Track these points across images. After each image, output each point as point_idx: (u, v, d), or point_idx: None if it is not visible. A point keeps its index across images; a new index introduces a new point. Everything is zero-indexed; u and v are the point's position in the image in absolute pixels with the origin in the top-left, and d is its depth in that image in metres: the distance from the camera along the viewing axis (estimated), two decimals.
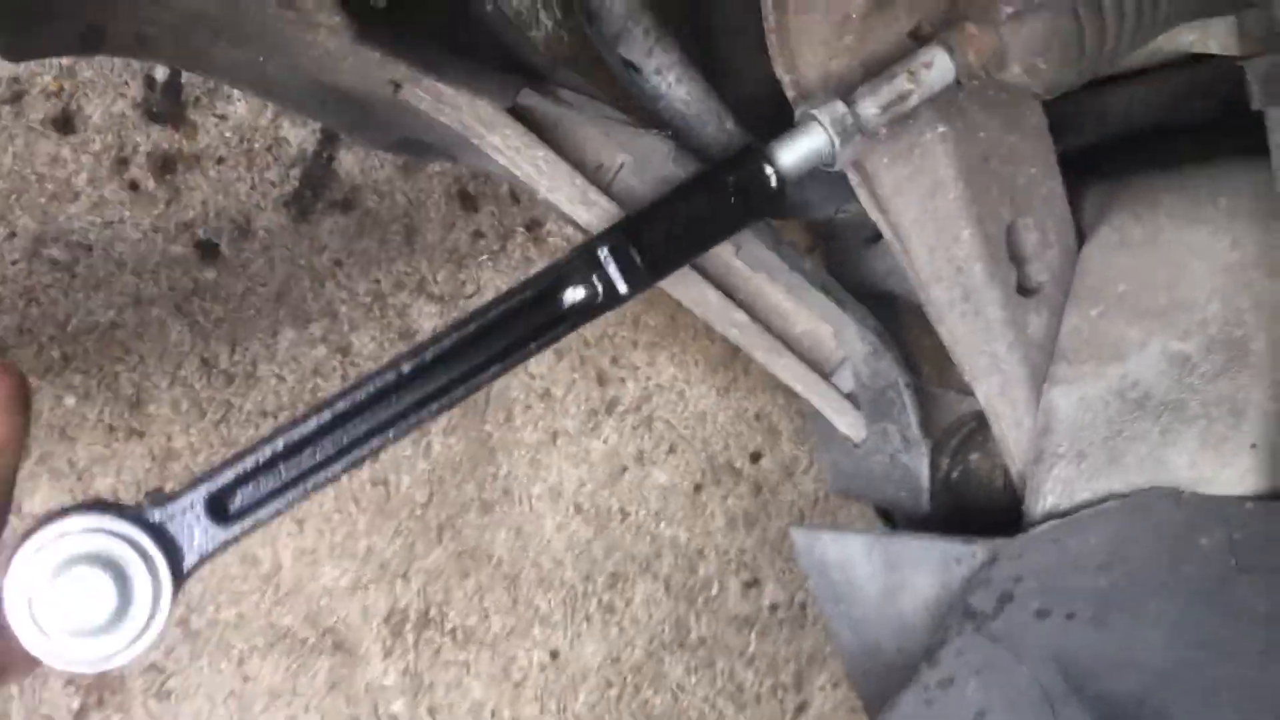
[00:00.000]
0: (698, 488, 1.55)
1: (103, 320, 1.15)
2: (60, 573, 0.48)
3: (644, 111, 0.75)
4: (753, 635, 1.61)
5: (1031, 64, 0.72)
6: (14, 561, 0.48)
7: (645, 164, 0.72)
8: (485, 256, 1.38)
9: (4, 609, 0.47)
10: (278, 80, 0.68)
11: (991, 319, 0.78)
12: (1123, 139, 0.97)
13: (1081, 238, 0.82)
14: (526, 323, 0.60)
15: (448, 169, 1.35)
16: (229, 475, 0.53)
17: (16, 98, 1.12)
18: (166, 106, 1.17)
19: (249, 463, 0.54)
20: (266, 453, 0.54)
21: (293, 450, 0.54)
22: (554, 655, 1.45)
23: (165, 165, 1.18)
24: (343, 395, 0.55)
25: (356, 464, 0.55)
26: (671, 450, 1.53)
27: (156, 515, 0.51)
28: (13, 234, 1.11)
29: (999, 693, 0.65)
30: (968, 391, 0.81)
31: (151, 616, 0.49)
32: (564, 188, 0.72)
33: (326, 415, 0.55)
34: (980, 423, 0.84)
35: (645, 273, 0.63)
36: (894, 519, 0.93)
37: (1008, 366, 0.78)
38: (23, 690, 1.13)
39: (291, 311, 1.26)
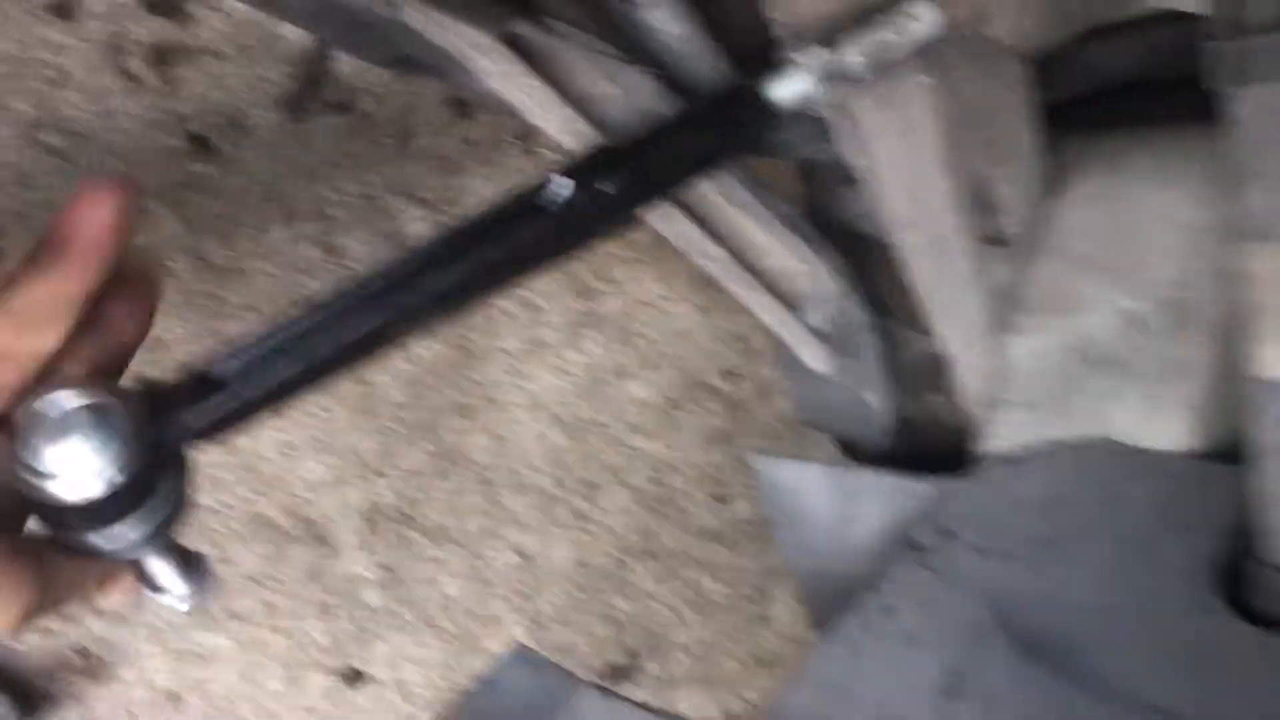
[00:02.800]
0: (674, 403, 1.59)
1: None
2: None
3: (634, 45, 0.77)
4: (720, 548, 1.66)
5: (1017, 21, 0.73)
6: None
7: (632, 98, 0.74)
8: (476, 164, 1.40)
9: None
10: None
11: (959, 267, 0.80)
12: (1103, 92, 0.98)
13: (1051, 192, 0.84)
14: (510, 236, 0.62)
15: None
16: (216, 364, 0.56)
17: None
18: None
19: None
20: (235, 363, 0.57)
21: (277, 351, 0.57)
22: (525, 557, 1.50)
23: (162, 57, 1.19)
24: (320, 305, 0.58)
25: (328, 376, 0.58)
26: (650, 365, 1.57)
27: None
28: (8, 118, 1.12)
29: (933, 621, 0.69)
30: (932, 332, 0.84)
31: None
32: (552, 116, 0.73)
33: (292, 329, 0.57)
34: (942, 364, 0.87)
35: (633, 195, 0.65)
36: (855, 451, 0.97)
37: (971, 313, 0.81)
38: None
39: (282, 209, 1.28)
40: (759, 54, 0.77)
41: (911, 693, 0.67)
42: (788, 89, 0.70)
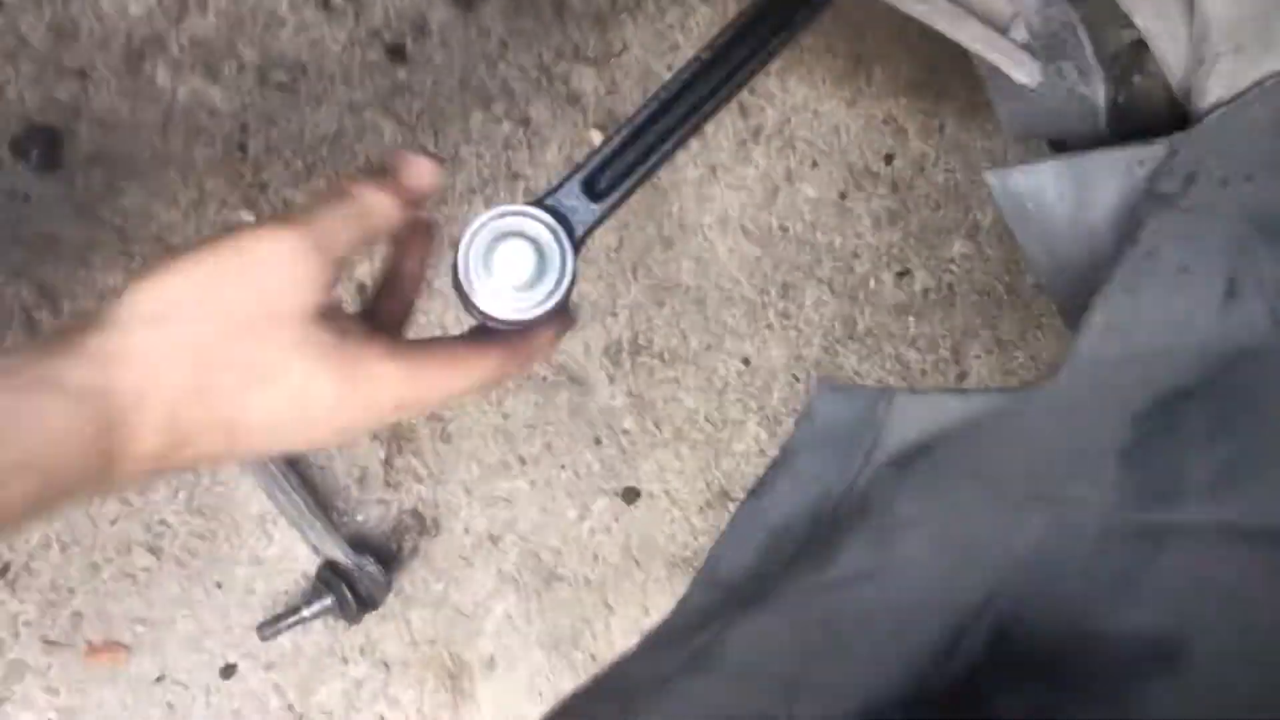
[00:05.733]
0: (843, 195, 1.71)
1: (329, 130, 1.31)
2: (495, 244, 0.65)
3: None
4: (911, 319, 1.79)
5: None
6: (461, 241, 0.65)
7: None
8: (624, 14, 1.51)
9: (460, 273, 0.64)
10: None
11: None
12: None
13: None
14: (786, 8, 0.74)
15: None
16: (594, 162, 0.69)
17: None
18: None
19: (606, 151, 0.70)
20: (616, 142, 0.70)
21: (636, 135, 0.70)
22: (746, 362, 1.64)
23: None
24: (663, 87, 0.71)
25: (686, 138, 0.71)
26: (815, 165, 1.68)
27: (551, 201, 0.68)
28: (242, 66, 1.26)
29: (1199, 248, 0.79)
30: (1125, 25, 0.93)
31: (562, 275, 0.66)
32: None
33: (654, 105, 0.71)
34: (1138, 48, 0.96)
35: None
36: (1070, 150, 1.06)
37: None
38: (340, 450, 1.36)
39: (475, 95, 1.41)
40: None
41: (1194, 307, 0.77)
42: None
